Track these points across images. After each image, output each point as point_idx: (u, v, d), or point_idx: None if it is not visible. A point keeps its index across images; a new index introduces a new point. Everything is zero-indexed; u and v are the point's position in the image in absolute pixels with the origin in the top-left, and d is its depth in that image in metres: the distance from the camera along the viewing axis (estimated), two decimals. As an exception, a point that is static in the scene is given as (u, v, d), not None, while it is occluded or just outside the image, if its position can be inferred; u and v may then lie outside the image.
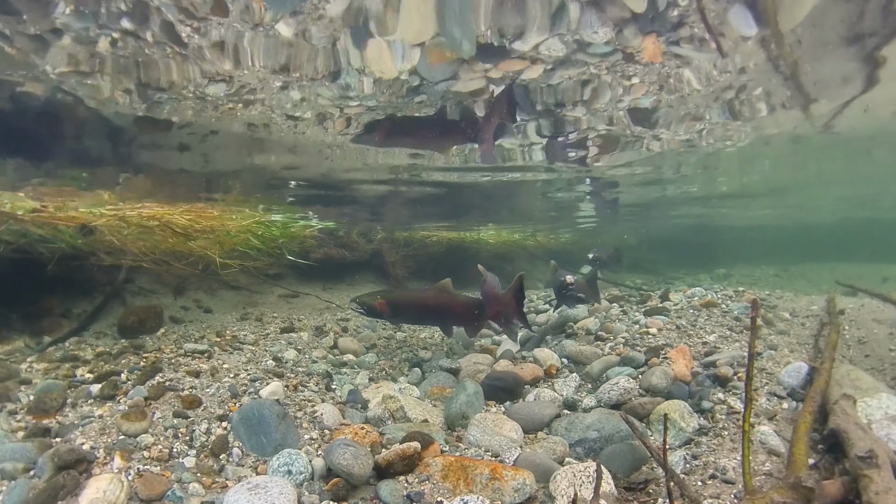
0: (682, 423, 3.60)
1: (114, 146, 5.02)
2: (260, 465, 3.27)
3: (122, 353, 4.54)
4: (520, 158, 6.30)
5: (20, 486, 2.80)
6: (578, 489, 2.86)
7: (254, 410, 3.55)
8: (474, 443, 3.67)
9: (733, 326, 5.21)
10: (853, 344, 4.70)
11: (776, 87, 4.36)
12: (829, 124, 5.56)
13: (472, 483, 2.98)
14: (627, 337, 5.26)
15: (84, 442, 3.20)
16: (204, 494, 2.98)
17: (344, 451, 3.05)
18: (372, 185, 7.60)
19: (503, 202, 10.10)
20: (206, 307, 6.46)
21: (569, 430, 3.73)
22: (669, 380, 4.14)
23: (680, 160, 7.24)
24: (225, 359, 4.59)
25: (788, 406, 3.76)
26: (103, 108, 4.04)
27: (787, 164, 8.29)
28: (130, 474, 2.99)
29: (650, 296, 6.81)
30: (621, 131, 5.38)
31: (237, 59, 3.37)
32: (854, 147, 7.10)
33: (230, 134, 4.82)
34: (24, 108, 3.96)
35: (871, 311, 5.36)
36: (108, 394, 3.75)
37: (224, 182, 6.56)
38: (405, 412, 4.09)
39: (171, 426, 3.46)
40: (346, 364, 5.41)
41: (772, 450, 3.24)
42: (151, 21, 2.93)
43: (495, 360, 5.32)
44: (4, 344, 4.72)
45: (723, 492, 2.91)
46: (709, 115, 5.06)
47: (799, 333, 5.10)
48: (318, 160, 5.91)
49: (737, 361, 4.31)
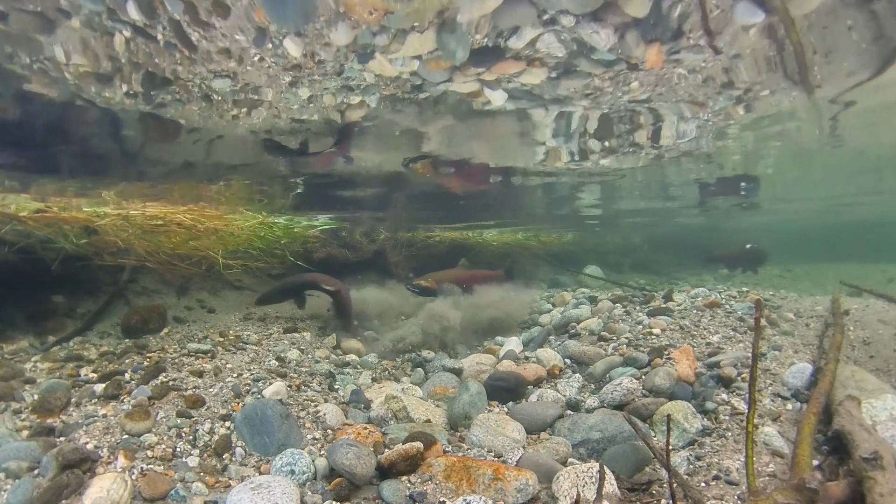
0: (685, 424, 3.59)
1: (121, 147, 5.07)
2: (263, 465, 3.28)
3: (125, 353, 4.55)
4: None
5: (24, 484, 2.81)
6: (581, 490, 2.85)
7: (257, 410, 3.56)
8: (477, 443, 3.66)
9: (737, 327, 5.19)
10: (858, 345, 4.66)
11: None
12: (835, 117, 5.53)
13: (474, 483, 2.98)
14: (631, 337, 5.25)
15: (88, 441, 3.21)
16: (207, 494, 2.98)
17: (347, 451, 3.05)
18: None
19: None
20: (210, 307, 6.48)
21: (572, 431, 3.72)
22: (673, 380, 4.13)
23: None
24: (228, 358, 4.60)
25: (792, 407, 3.74)
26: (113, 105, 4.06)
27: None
28: (134, 473, 3.00)
29: (653, 296, 6.79)
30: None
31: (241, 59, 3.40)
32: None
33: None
34: (33, 110, 3.98)
35: (877, 311, 5.32)
36: (111, 393, 3.76)
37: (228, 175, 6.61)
38: (408, 412, 4.09)
39: (175, 426, 3.47)
40: (348, 364, 5.41)
41: (776, 451, 3.23)
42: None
43: (498, 361, 5.32)
44: (9, 343, 4.74)
45: (726, 493, 2.90)
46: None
47: (803, 334, 5.07)
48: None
49: (741, 362, 4.30)
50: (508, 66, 3.60)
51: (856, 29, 3.42)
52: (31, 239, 4.93)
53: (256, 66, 3.48)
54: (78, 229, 5.13)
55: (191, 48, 3.18)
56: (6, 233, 4.75)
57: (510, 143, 5.89)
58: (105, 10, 2.89)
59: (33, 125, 4.29)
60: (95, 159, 5.35)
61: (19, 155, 4.85)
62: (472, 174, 7.51)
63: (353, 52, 3.28)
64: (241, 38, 3.10)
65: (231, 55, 3.30)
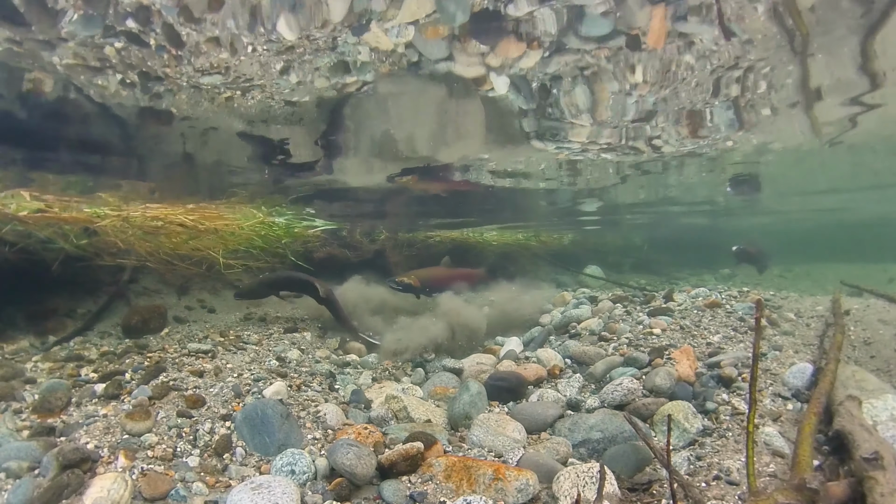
0: (685, 424, 3.58)
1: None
2: (263, 465, 3.28)
3: (126, 353, 4.55)
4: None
5: (25, 484, 2.81)
6: (582, 490, 2.85)
7: (257, 410, 3.56)
8: (477, 443, 3.66)
9: (738, 327, 5.19)
10: (858, 345, 4.66)
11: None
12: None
13: (475, 483, 2.98)
14: (631, 337, 5.24)
15: (88, 441, 3.21)
16: (207, 494, 2.98)
17: (347, 451, 3.05)
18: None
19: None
20: (210, 307, 6.48)
21: (572, 431, 3.72)
22: (673, 380, 4.13)
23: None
24: (228, 358, 4.60)
25: (793, 407, 3.74)
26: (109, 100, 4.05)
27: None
28: (134, 473, 3.00)
29: (654, 296, 6.78)
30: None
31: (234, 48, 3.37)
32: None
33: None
34: (31, 106, 3.97)
35: (877, 311, 5.32)
36: (112, 393, 3.76)
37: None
38: (408, 412, 4.09)
39: (175, 425, 3.47)
40: (349, 364, 5.41)
41: (776, 451, 3.22)
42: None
43: (498, 361, 5.31)
44: (10, 343, 4.74)
45: (727, 493, 2.90)
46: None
47: (804, 334, 5.07)
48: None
49: (741, 362, 4.29)
50: (510, 47, 3.53)
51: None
52: (32, 239, 4.94)
53: (249, 56, 3.44)
54: (78, 230, 5.13)
55: (180, 45, 3.16)
56: (7, 233, 4.76)
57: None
58: (100, 32, 2.91)
59: (30, 120, 4.27)
60: (92, 154, 5.32)
61: (15, 149, 4.83)
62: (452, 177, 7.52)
63: (347, 26, 3.18)
64: (232, 24, 3.04)
65: (221, 44, 3.26)
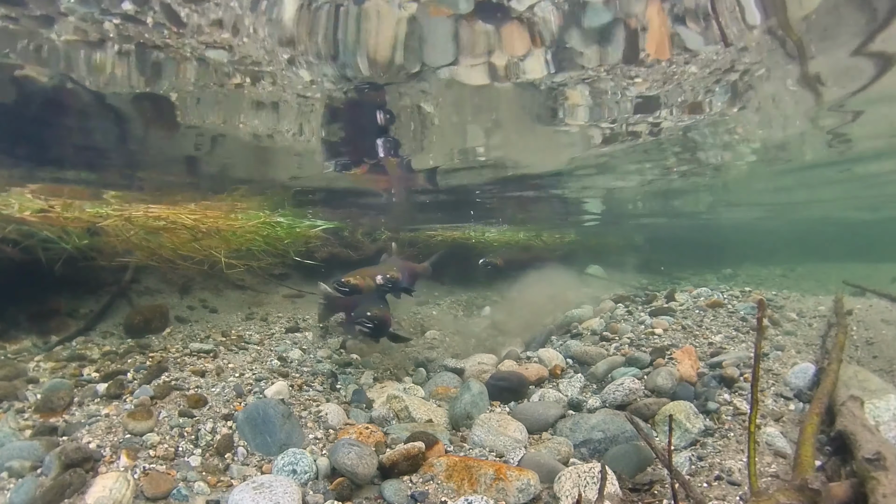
0: (687, 424, 3.58)
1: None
2: (265, 465, 3.28)
3: (128, 353, 4.56)
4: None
5: (28, 483, 2.82)
6: (583, 490, 2.85)
7: (259, 410, 3.56)
8: (479, 443, 3.66)
9: (739, 327, 5.18)
10: (861, 345, 4.65)
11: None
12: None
13: (476, 483, 2.98)
14: (633, 337, 5.24)
15: (91, 440, 3.22)
16: (209, 493, 2.99)
17: (348, 451, 3.05)
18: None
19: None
20: (212, 307, 6.49)
21: (573, 431, 3.72)
22: (675, 380, 4.12)
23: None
24: (230, 358, 4.61)
25: (795, 407, 3.73)
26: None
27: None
28: (136, 473, 3.01)
29: (656, 296, 6.77)
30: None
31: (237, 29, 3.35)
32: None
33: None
34: (28, 95, 3.93)
35: (880, 311, 5.30)
36: (114, 393, 3.77)
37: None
38: (410, 412, 4.09)
39: (177, 425, 3.48)
40: (350, 364, 5.42)
41: (778, 451, 3.22)
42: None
43: (500, 361, 5.31)
44: (12, 343, 4.76)
45: (728, 493, 2.90)
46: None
47: (806, 334, 5.06)
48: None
49: (743, 362, 4.28)
50: (513, 33, 3.50)
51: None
52: (34, 239, 4.95)
53: (253, 38, 3.42)
54: (81, 230, 5.14)
55: (180, 24, 3.15)
56: (9, 232, 4.77)
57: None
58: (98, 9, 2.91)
59: (26, 113, 4.24)
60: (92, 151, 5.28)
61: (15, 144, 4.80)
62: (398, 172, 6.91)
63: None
64: (235, 4, 3.03)
65: (224, 26, 3.24)
